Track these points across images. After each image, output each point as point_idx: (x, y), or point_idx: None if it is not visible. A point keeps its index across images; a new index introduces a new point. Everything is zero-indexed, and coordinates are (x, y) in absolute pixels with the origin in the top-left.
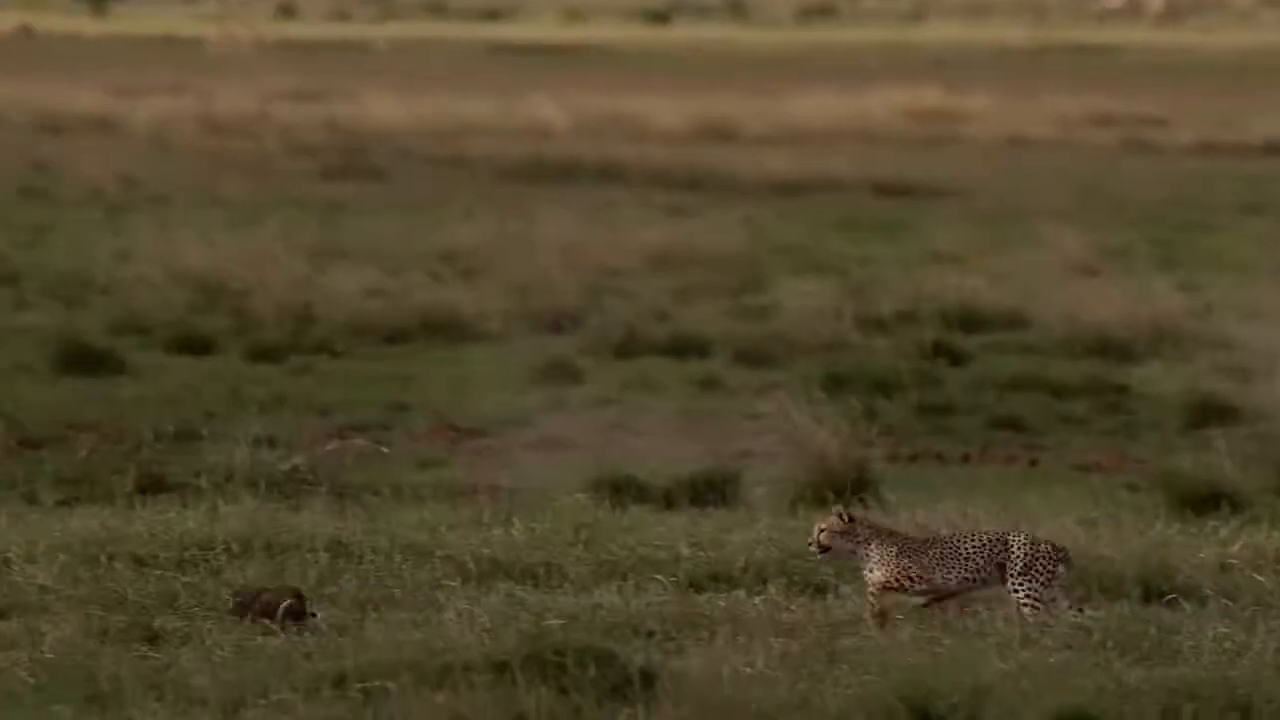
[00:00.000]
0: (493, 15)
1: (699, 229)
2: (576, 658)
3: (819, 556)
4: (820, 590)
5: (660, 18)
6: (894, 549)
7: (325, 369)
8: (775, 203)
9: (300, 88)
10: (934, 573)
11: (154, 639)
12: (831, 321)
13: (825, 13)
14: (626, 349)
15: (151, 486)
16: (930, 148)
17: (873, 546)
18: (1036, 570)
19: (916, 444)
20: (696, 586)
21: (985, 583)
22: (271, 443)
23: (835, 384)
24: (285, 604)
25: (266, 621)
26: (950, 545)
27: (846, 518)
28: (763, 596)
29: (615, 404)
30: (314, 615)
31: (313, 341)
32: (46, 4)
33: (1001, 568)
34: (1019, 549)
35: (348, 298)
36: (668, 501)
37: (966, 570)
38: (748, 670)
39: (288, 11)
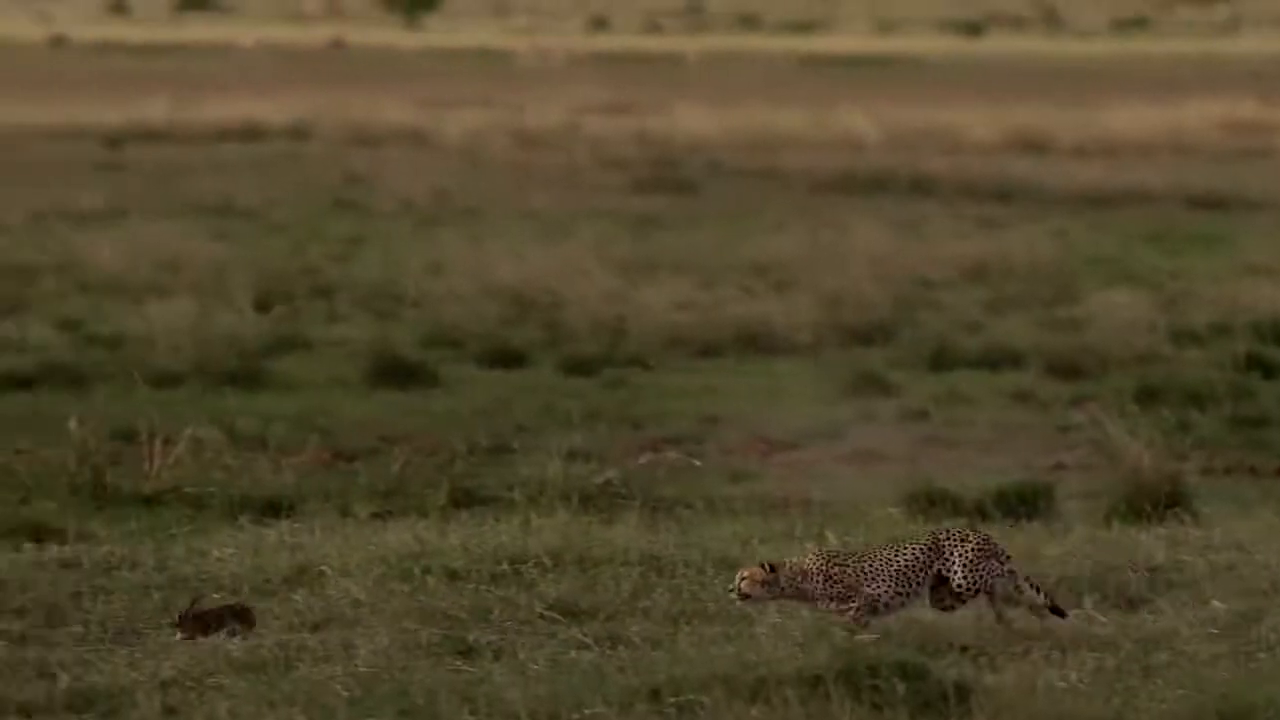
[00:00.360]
0: (804, 27)
1: (1011, 241)
2: (889, 673)
3: (739, 603)
4: (1134, 604)
5: (973, 29)
6: (823, 574)
7: (638, 382)
8: (1087, 214)
9: (611, 100)
10: (865, 587)
11: (467, 652)
12: (1144, 334)
13: (1139, 24)
14: (939, 361)
15: (464, 500)
16: (1244, 160)
17: (806, 587)
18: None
19: (1230, 457)
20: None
21: (919, 595)
22: (584, 456)
23: (1148, 396)
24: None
25: (207, 635)
26: (879, 558)
27: (769, 568)
28: (1076, 610)
29: (927, 417)
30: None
31: (625, 355)
32: (359, 17)
33: (940, 576)
34: (958, 550)
35: (660, 311)
36: (980, 514)
37: (900, 585)
38: (1061, 685)
39: (599, 24)
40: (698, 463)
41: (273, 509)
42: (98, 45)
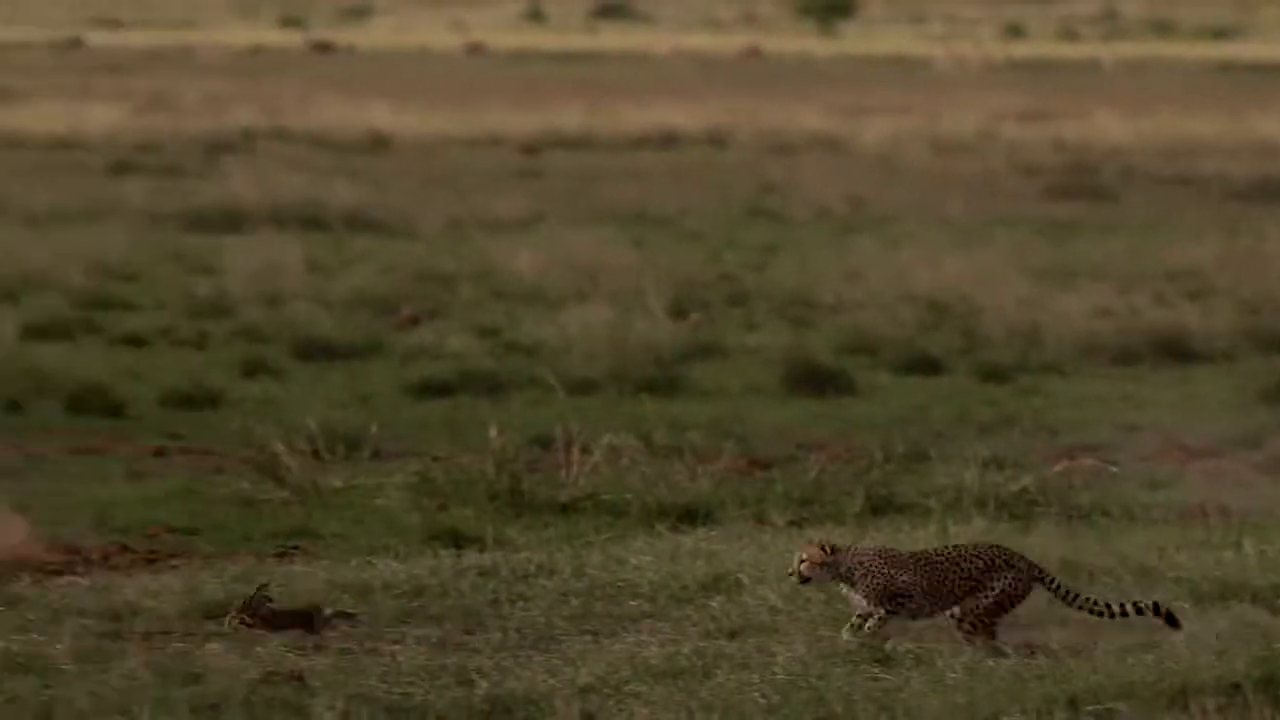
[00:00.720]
0: (1221, 33)
1: None
2: None
3: (799, 585)
4: None
5: None
6: (879, 565)
7: (1053, 389)
8: None
9: (1028, 107)
10: (922, 589)
11: (885, 660)
12: None
13: None
14: None
15: (881, 506)
16: None
17: (857, 573)
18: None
19: None
20: None
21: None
22: (1000, 463)
23: None
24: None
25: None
26: (938, 562)
27: (829, 549)
28: None
29: None
30: (330, 626)
31: (1040, 362)
32: (775, 25)
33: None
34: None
35: (1075, 318)
36: None
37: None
38: None
39: (1016, 31)
40: (1114, 468)
41: (689, 516)
42: (514, 53)
